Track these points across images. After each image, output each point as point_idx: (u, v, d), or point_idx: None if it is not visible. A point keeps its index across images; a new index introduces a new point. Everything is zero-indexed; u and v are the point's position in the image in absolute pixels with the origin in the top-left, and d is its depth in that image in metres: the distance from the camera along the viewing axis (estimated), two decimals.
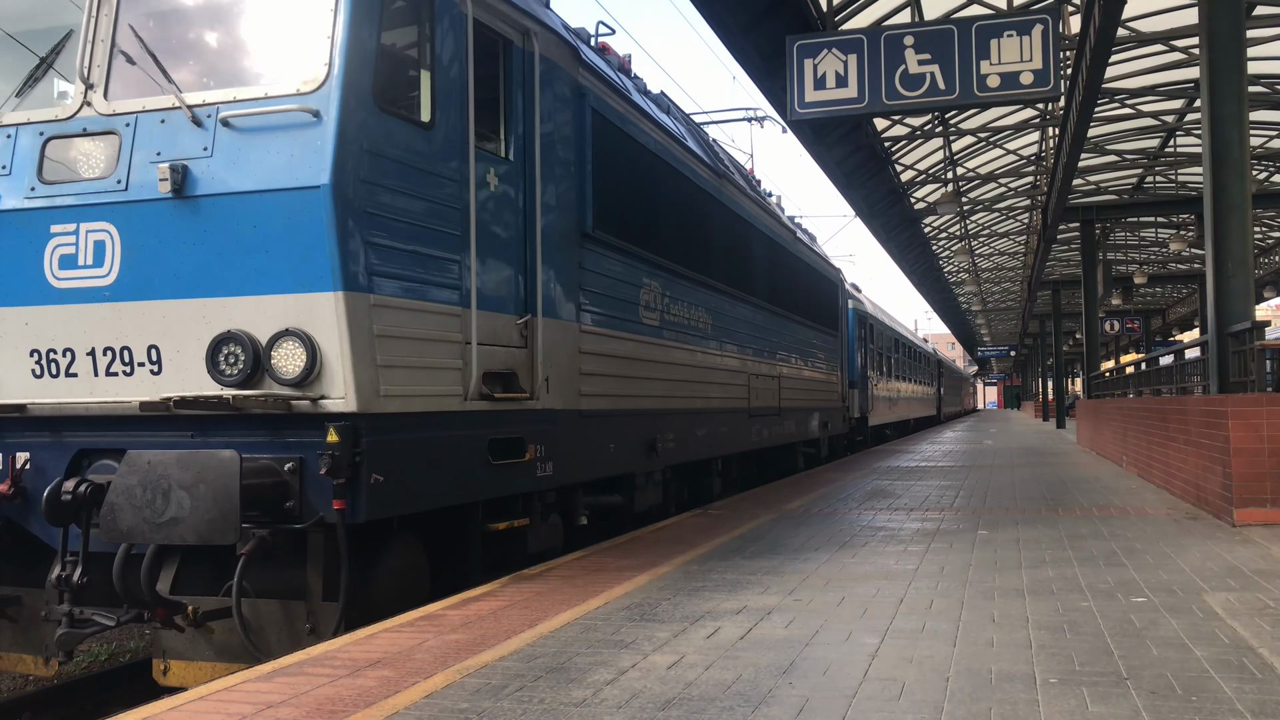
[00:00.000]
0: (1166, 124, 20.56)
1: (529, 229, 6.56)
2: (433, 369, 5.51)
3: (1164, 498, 9.86)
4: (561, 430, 6.84)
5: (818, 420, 16.51)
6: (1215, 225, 8.57)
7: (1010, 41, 9.82)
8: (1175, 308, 48.45)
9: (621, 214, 8.07)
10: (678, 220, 9.59)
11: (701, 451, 10.21)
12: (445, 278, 5.66)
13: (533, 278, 6.53)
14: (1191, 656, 3.85)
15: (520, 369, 6.38)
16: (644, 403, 8.44)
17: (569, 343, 7.02)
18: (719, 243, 11.04)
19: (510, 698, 3.48)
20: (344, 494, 4.89)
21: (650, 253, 8.70)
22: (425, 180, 5.52)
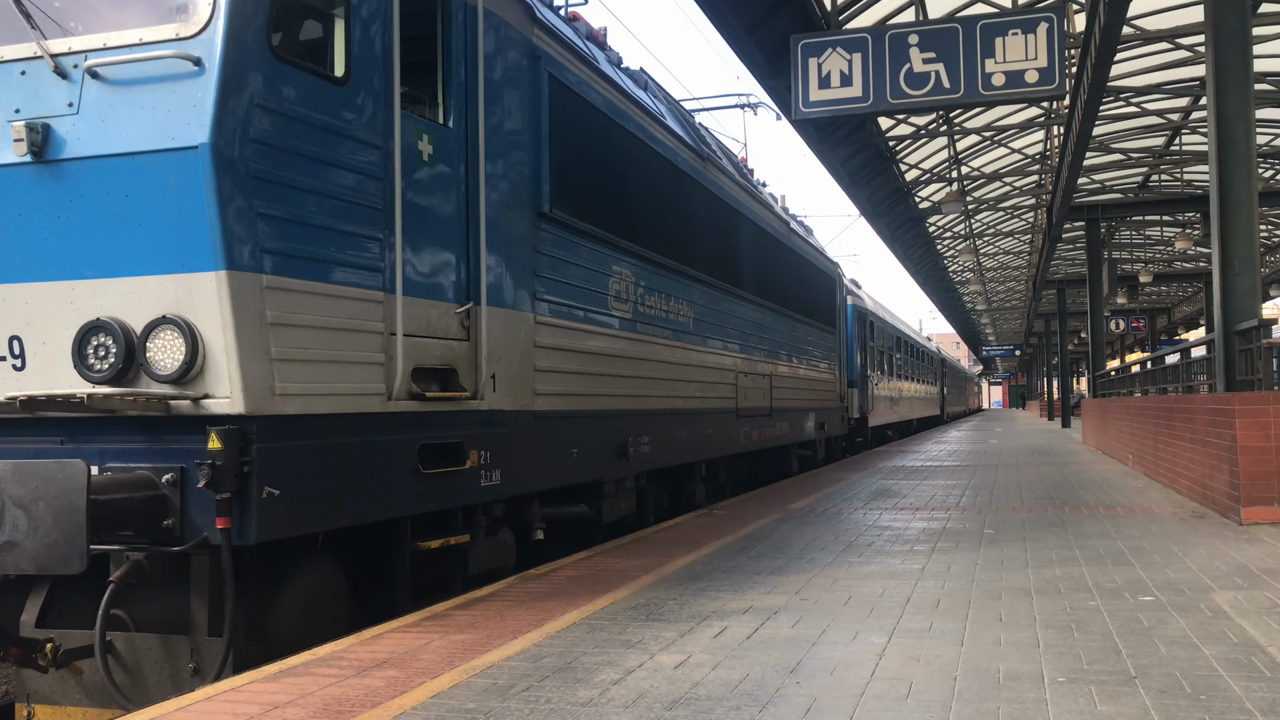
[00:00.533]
0: (1172, 122, 20.51)
1: (471, 206, 5.79)
2: (346, 364, 4.79)
3: (1171, 497, 9.84)
4: (512, 434, 6.12)
5: (814, 421, 15.77)
6: (1221, 223, 8.54)
7: (1015, 40, 9.80)
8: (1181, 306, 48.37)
9: (586, 194, 7.32)
10: (654, 205, 8.84)
11: (682, 455, 9.47)
12: (362, 258, 4.93)
13: (476, 261, 5.78)
14: (1200, 655, 3.84)
15: (461, 365, 5.68)
16: (614, 403, 7.75)
17: (521, 335, 6.32)
18: (702, 231, 10.30)
19: (517, 697, 3.48)
20: (229, 511, 4.20)
21: (621, 238, 7.97)
22: (337, 144, 4.79)
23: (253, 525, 4.26)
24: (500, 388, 6.02)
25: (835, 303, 18.29)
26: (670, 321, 9.13)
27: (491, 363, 5.91)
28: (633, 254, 8.23)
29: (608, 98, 7.86)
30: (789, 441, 14.07)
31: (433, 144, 5.53)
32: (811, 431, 15.58)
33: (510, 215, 6.22)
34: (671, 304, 9.20)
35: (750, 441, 11.93)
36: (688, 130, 10.54)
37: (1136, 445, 13.31)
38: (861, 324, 21.20)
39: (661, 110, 9.58)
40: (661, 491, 9.69)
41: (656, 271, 8.84)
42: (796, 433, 14.51)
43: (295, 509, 4.47)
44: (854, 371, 20.17)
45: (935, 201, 25.58)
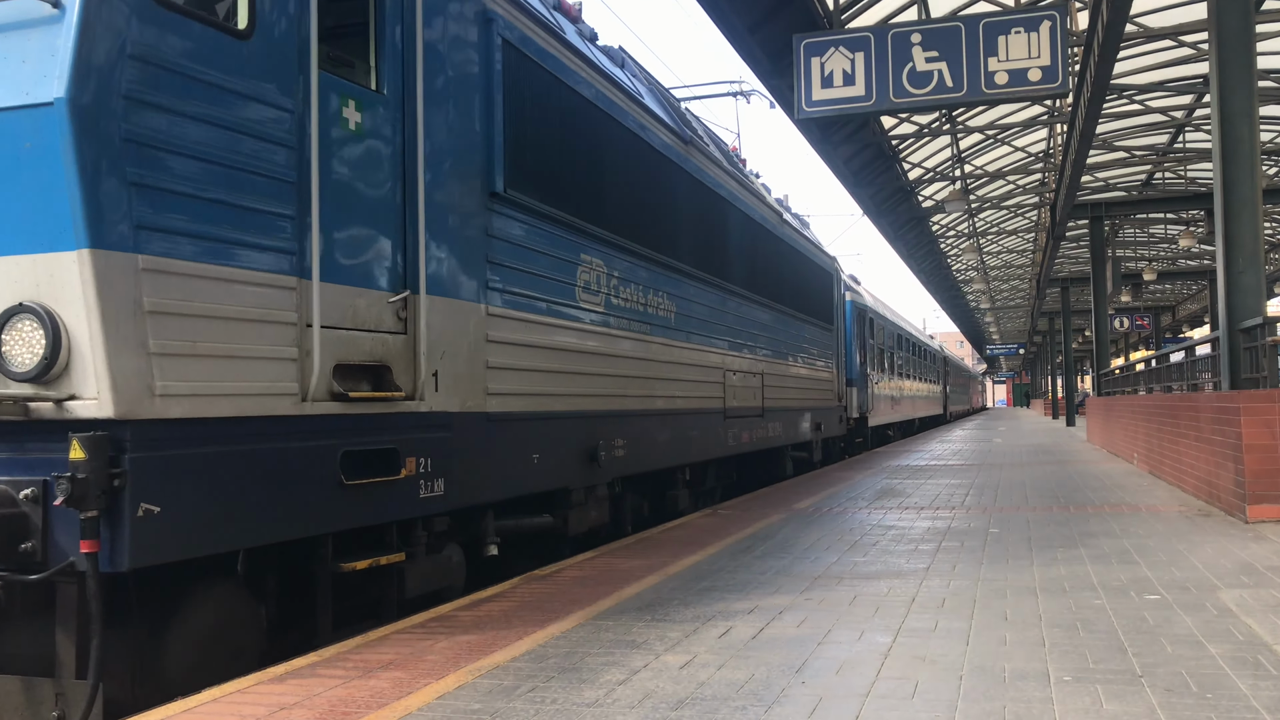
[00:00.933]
0: (1175, 120, 20.50)
1: (409, 183, 5.19)
2: (248, 359, 4.17)
3: (1176, 495, 9.82)
4: (459, 438, 5.49)
5: (809, 421, 15.01)
6: (1226, 221, 8.54)
7: (1018, 38, 9.79)
8: (1185, 304, 48.31)
9: (548, 175, 6.70)
10: (630, 190, 8.15)
11: (663, 459, 8.77)
12: (269, 237, 4.29)
13: (414, 245, 5.18)
14: (1206, 654, 3.83)
15: (396, 361, 5.05)
16: (582, 403, 7.12)
17: (470, 328, 5.67)
18: (685, 220, 9.59)
19: (523, 698, 3.48)
20: (95, 532, 3.58)
21: (591, 224, 7.34)
22: (236, 105, 4.15)
23: (125, 549, 3.63)
24: (444, 387, 5.39)
25: (832, 299, 17.52)
26: (649, 316, 8.47)
27: (433, 359, 5.29)
28: (605, 242, 7.61)
29: (575, 71, 7.21)
30: (782, 443, 13.38)
31: (362, 112, 4.91)
32: (807, 432, 14.89)
33: (456, 195, 5.58)
34: (650, 297, 8.55)
35: (740, 443, 11.26)
36: (670, 113, 9.89)
37: (1142, 443, 13.29)
38: (860, 321, 20.59)
39: (640, 90, 8.96)
40: (640, 499, 9.07)
41: (632, 262, 8.18)
42: (791, 434, 13.83)
43: (181, 529, 3.84)
44: (853, 370, 19.62)
45: (938, 200, 25.59)
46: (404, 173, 5.20)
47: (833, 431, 17.11)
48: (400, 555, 5.05)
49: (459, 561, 5.75)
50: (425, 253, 5.25)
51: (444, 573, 5.57)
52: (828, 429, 16.57)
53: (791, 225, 14.74)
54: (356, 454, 4.75)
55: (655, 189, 8.80)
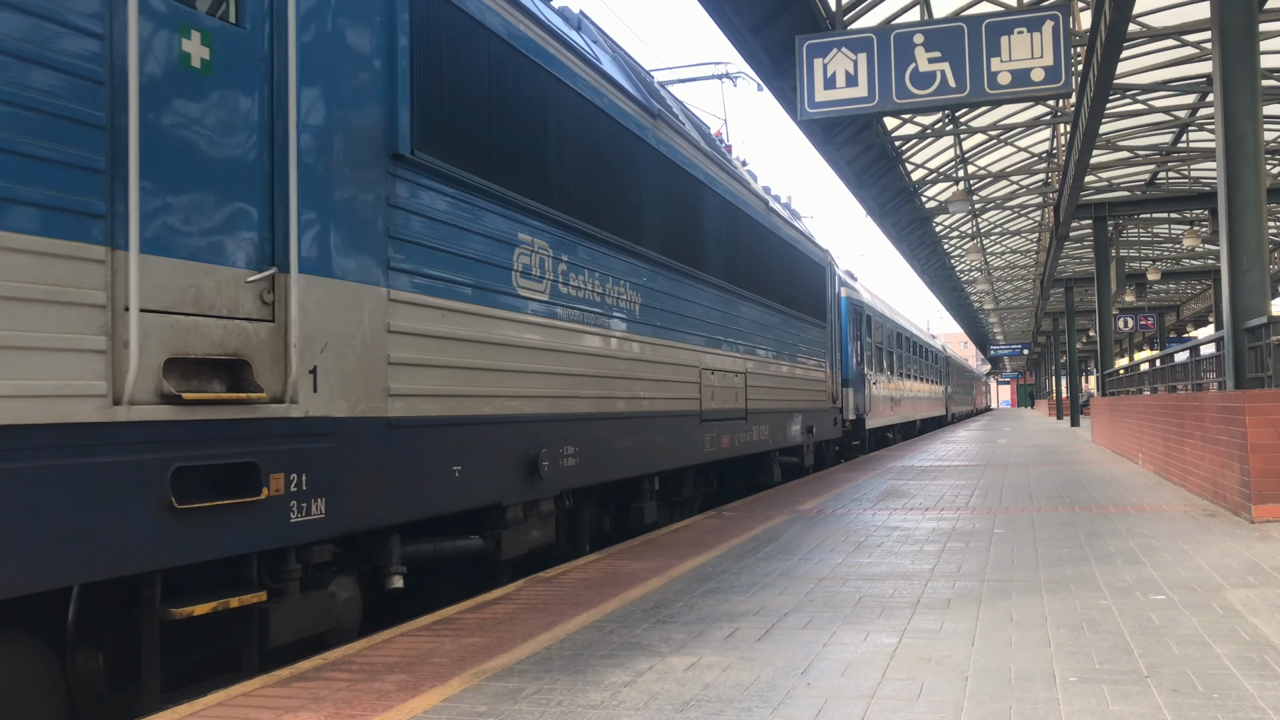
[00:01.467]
0: (1179, 119, 20.48)
1: (277, 135, 4.31)
2: (31, 350, 3.33)
3: (1181, 495, 9.81)
4: (349, 449, 4.60)
5: (800, 424, 14.03)
6: (1230, 220, 8.53)
7: (1021, 38, 9.79)
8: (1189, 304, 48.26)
9: (474, 139, 5.75)
10: (584, 165, 7.23)
11: (625, 468, 7.81)
12: (62, 195, 3.42)
13: (284, 213, 4.28)
14: (1212, 654, 3.83)
15: (259, 355, 4.16)
16: (521, 405, 6.16)
17: (364, 316, 4.76)
18: (653, 202, 8.60)
19: (528, 700, 3.48)
20: None
21: (534, 201, 6.40)
22: (19, 24, 3.34)
23: None
24: (327, 386, 4.50)
25: (825, 294, 16.39)
26: (608, 307, 7.54)
27: (309, 352, 4.39)
28: (552, 223, 6.68)
29: (510, 22, 6.26)
30: (769, 447, 12.39)
31: (210, 47, 4.03)
32: (798, 435, 13.94)
33: (344, 154, 4.69)
34: (610, 287, 7.60)
35: (719, 449, 10.25)
36: (636, 84, 8.95)
37: (1146, 443, 13.27)
38: (857, 318, 19.64)
39: (598, 55, 8.05)
40: (599, 512, 8.14)
41: (587, 246, 7.22)
42: (779, 437, 12.84)
43: None
44: (849, 369, 18.69)
45: (942, 201, 25.58)
46: (272, 125, 4.30)
47: (827, 434, 16.15)
48: (259, 595, 4.10)
49: (350, 598, 4.78)
50: (299, 223, 4.33)
51: (324, 613, 4.56)
52: (821, 432, 15.58)
53: (779, 215, 13.71)
54: (196, 470, 3.86)
55: (615, 166, 7.85)
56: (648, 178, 8.53)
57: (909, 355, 28.52)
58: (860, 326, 19.92)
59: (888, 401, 23.69)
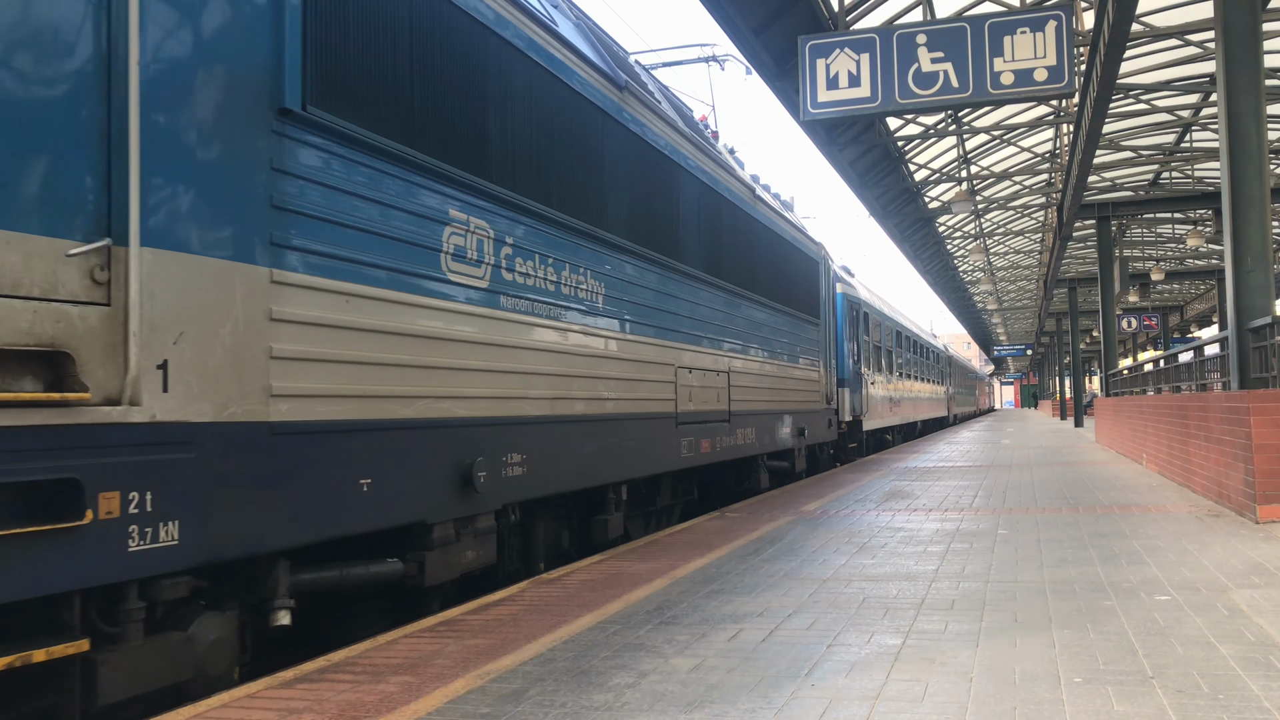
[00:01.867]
0: (1182, 119, 20.46)
1: (116, 80, 3.51)
2: None
3: (1185, 495, 9.79)
4: (213, 460, 3.82)
5: (790, 427, 13.16)
6: (1234, 220, 8.51)
7: (1024, 38, 9.79)
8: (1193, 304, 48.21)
9: (390, 97, 4.95)
10: (532, 138, 6.43)
11: (584, 477, 6.99)
12: None
13: (122, 174, 3.51)
14: (1217, 655, 3.82)
15: (86, 346, 3.40)
16: (451, 408, 5.36)
17: (237, 301, 3.98)
18: (620, 184, 7.77)
19: (532, 701, 3.48)
20: None
21: (469, 173, 5.60)
22: None
23: None
24: (183, 385, 3.71)
25: (818, 290, 15.50)
26: (562, 297, 6.75)
27: (157, 343, 3.62)
28: (491, 198, 5.86)
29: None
30: (756, 451, 11.50)
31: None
32: (788, 439, 13.07)
33: (208, 104, 3.89)
34: (565, 274, 6.80)
35: (698, 454, 9.38)
36: (601, 53, 8.11)
37: (1150, 444, 13.25)
38: (853, 315, 18.90)
39: (552, 18, 7.19)
40: (557, 526, 7.29)
41: (537, 228, 6.36)
42: (766, 441, 11.94)
43: None
44: (844, 369, 17.89)
45: (945, 201, 25.57)
46: (108, 65, 3.51)
47: (821, 437, 15.27)
48: (78, 644, 3.34)
49: (218, 639, 3.99)
50: (141, 185, 3.57)
51: (175, 661, 3.78)
52: (814, 434, 14.65)
53: (768, 204, 12.69)
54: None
55: (574, 141, 7.04)
56: (613, 156, 7.69)
57: (909, 355, 27.70)
58: (857, 325, 19.28)
59: (887, 402, 22.88)
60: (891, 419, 23.49)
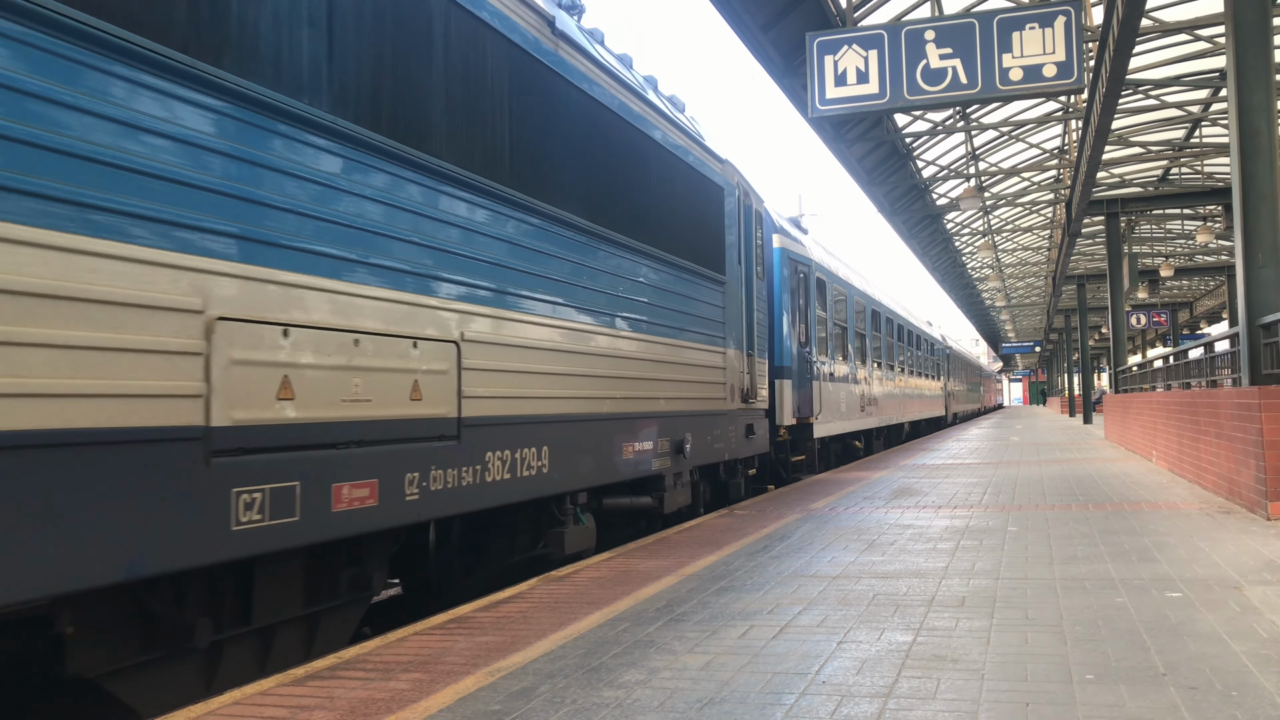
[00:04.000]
0: (1192, 114, 20.37)
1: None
2: None
3: (1196, 492, 9.76)
4: None
5: (656, 440, 8.22)
6: (1245, 216, 8.47)
7: (1032, 34, 9.76)
8: (1203, 300, 48.04)
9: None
10: None
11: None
12: None
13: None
14: (1230, 651, 3.80)
15: None
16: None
17: None
18: None
19: (542, 698, 3.48)
20: None
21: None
22: None
23: None
24: None
25: (722, 233, 10.25)
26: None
27: None
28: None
29: None
30: (552, 490, 6.47)
31: None
32: (648, 459, 8.08)
33: None
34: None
35: (321, 518, 4.36)
36: None
37: (1160, 441, 13.21)
38: (800, 281, 13.99)
39: None
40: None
41: None
42: (587, 467, 6.99)
43: None
44: (785, 353, 13.05)
45: (953, 198, 25.51)
46: None
47: (729, 451, 10.27)
48: None
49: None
50: None
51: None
52: (717, 449, 9.87)
53: (614, 82, 7.88)
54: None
55: None
56: None
57: (893, 342, 22.92)
58: (807, 294, 14.36)
59: (855, 400, 17.66)
60: (863, 421, 18.30)
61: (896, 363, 23.39)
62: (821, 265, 15.51)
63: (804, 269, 14.28)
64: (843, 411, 16.49)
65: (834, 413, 15.64)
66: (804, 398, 13.86)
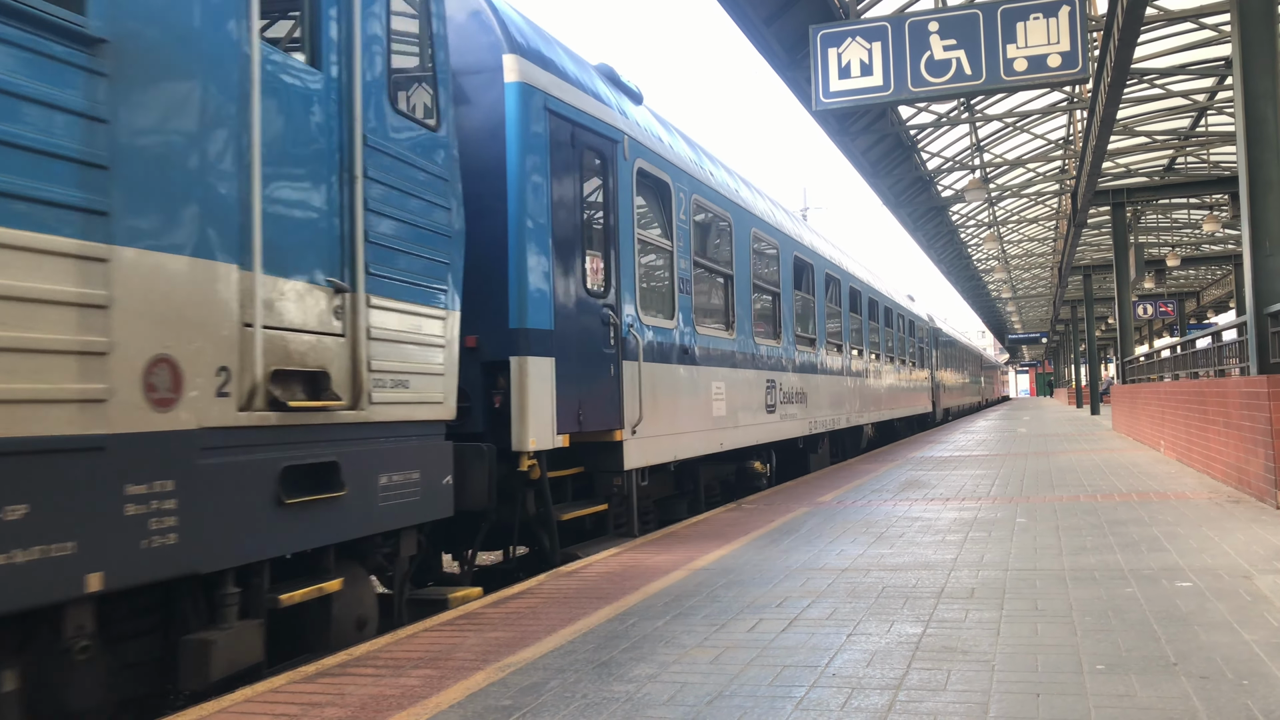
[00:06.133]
0: (1197, 103, 20.29)
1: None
2: None
3: (1205, 482, 9.73)
4: None
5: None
6: (1251, 204, 8.43)
7: (1036, 24, 9.71)
8: (1210, 289, 47.86)
9: None
10: None
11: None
12: None
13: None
14: (1241, 640, 3.79)
15: None
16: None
17: None
18: None
19: (552, 693, 3.49)
20: None
21: None
22: None
23: None
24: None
25: None
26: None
27: None
28: None
29: None
30: None
31: None
32: None
33: None
34: None
35: None
36: None
37: (1168, 431, 13.17)
38: (598, 169, 7.74)
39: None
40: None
41: None
42: None
43: None
44: (536, 303, 6.62)
45: (958, 190, 25.45)
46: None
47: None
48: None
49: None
50: None
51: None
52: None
53: None
54: None
55: None
56: None
57: (846, 312, 16.58)
58: (616, 197, 7.95)
59: (749, 393, 10.99)
60: (767, 428, 11.55)
61: (848, 342, 16.58)
62: (661, 154, 8.85)
63: (605, 149, 7.78)
64: (711, 416, 9.72)
65: (676, 417, 8.86)
66: (595, 394, 7.40)
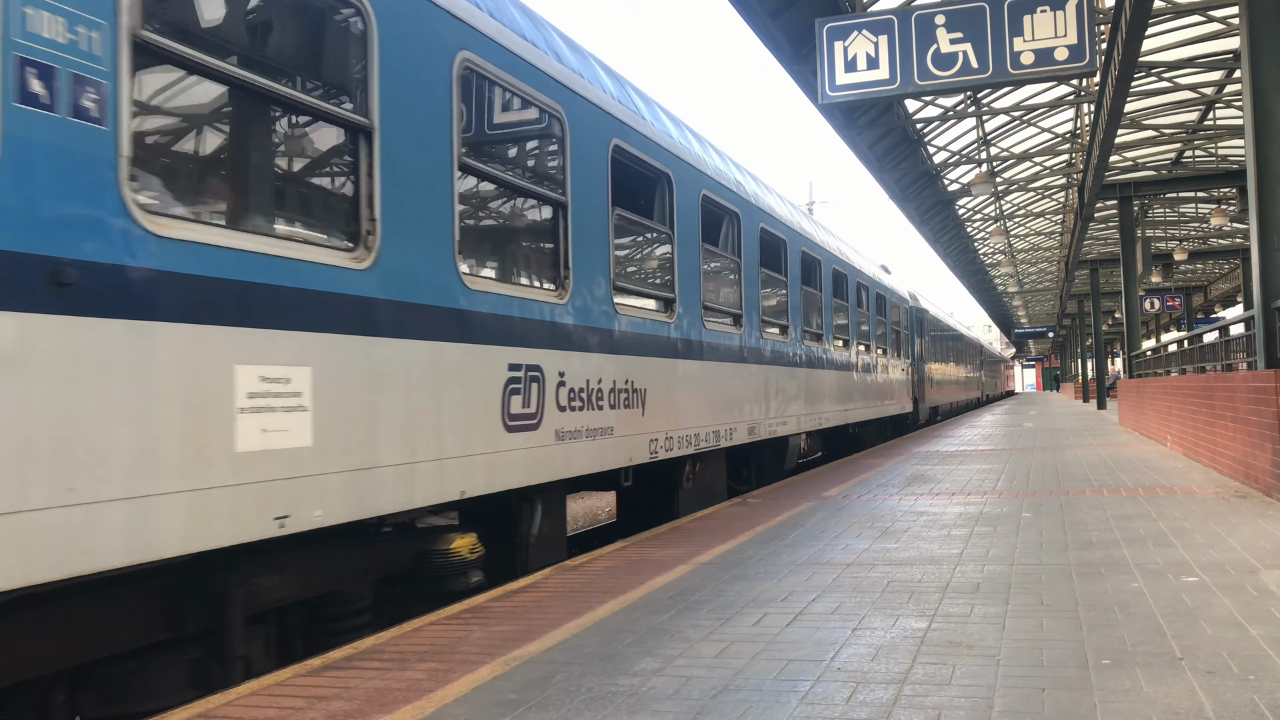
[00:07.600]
0: (1205, 96, 20.20)
1: None
2: None
3: (1211, 476, 9.71)
4: None
5: None
6: (1259, 198, 8.40)
7: (1044, 17, 9.68)
8: (1217, 284, 47.70)
9: None
10: None
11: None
12: None
13: None
14: (1247, 635, 3.79)
15: None
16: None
17: None
18: None
19: (558, 687, 3.49)
20: None
21: None
22: None
23: None
24: None
25: None
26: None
27: None
28: None
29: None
30: None
31: None
32: None
33: None
34: None
35: None
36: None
37: (1175, 425, 13.13)
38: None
39: None
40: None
41: None
42: None
43: None
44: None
45: (964, 184, 25.38)
46: None
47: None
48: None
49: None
50: None
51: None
52: None
53: None
54: None
55: None
56: None
57: (769, 274, 11.54)
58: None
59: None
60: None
61: (774, 317, 11.69)
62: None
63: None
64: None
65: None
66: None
